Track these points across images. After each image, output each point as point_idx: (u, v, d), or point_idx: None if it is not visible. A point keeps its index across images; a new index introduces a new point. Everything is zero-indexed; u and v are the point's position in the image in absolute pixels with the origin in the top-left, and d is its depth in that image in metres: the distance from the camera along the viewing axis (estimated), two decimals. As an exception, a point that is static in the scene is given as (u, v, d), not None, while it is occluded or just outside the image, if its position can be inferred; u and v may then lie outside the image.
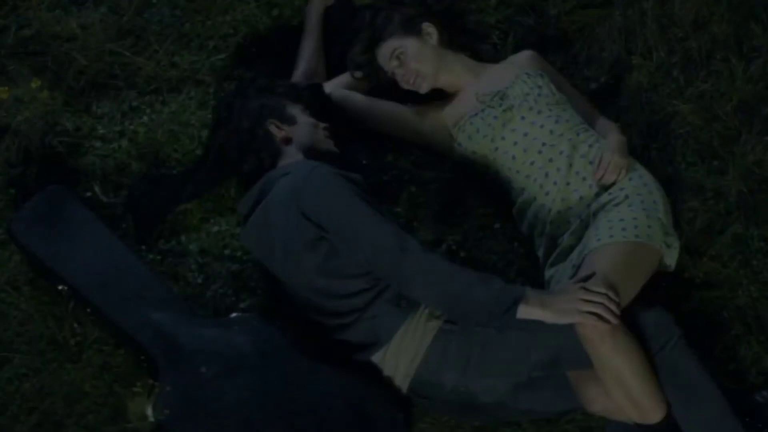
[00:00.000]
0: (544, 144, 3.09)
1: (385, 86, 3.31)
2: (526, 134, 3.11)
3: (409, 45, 3.22)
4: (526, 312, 2.68)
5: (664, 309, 2.83)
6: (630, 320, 2.74)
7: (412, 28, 3.24)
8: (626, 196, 2.94)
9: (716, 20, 3.48)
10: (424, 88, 3.25)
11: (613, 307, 2.67)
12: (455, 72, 3.27)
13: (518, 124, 3.13)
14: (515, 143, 3.11)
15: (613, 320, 2.66)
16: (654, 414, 2.75)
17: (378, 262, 2.74)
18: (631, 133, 3.31)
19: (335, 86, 3.32)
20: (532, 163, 3.09)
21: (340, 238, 2.76)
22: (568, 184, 3.04)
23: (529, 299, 2.68)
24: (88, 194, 3.11)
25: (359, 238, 2.74)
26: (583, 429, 2.91)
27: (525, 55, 3.32)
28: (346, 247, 2.76)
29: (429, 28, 3.26)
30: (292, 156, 3.04)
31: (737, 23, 3.47)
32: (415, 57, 3.21)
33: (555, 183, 3.05)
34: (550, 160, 3.07)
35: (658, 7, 3.52)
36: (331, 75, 3.38)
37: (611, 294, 2.68)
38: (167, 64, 3.38)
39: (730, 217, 3.16)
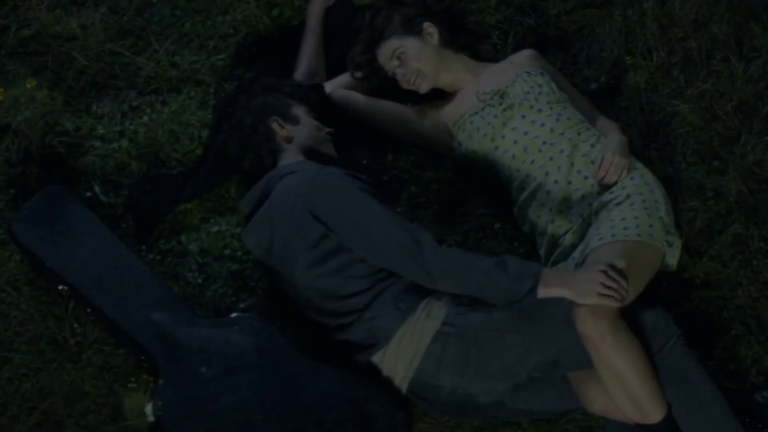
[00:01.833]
0: (544, 142, 3.08)
1: (385, 86, 3.31)
2: (526, 133, 3.11)
3: (409, 45, 3.22)
4: (545, 292, 2.71)
5: (664, 309, 2.83)
6: (630, 320, 2.74)
7: (412, 28, 3.24)
8: (628, 195, 2.94)
9: (716, 20, 3.47)
10: (424, 88, 3.25)
11: (623, 292, 2.70)
12: (455, 71, 3.27)
13: (518, 122, 3.12)
14: (515, 142, 3.11)
15: (621, 300, 2.69)
16: (654, 414, 2.75)
17: (396, 260, 2.74)
18: (631, 133, 3.31)
19: (335, 86, 3.32)
20: (532, 162, 3.09)
21: (352, 238, 2.76)
22: (569, 183, 3.03)
23: (547, 278, 2.71)
24: (88, 194, 3.12)
25: (374, 238, 2.75)
26: (583, 429, 2.91)
27: (525, 54, 3.32)
28: (360, 247, 2.76)
29: (430, 28, 3.26)
30: (292, 155, 3.04)
31: (737, 23, 3.47)
32: (415, 57, 3.21)
33: (556, 182, 3.04)
34: (551, 159, 3.07)
35: (658, 7, 3.52)
36: (331, 75, 3.38)
37: (624, 282, 2.71)
38: (167, 64, 3.39)
39: (730, 217, 3.16)
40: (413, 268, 2.74)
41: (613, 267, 2.73)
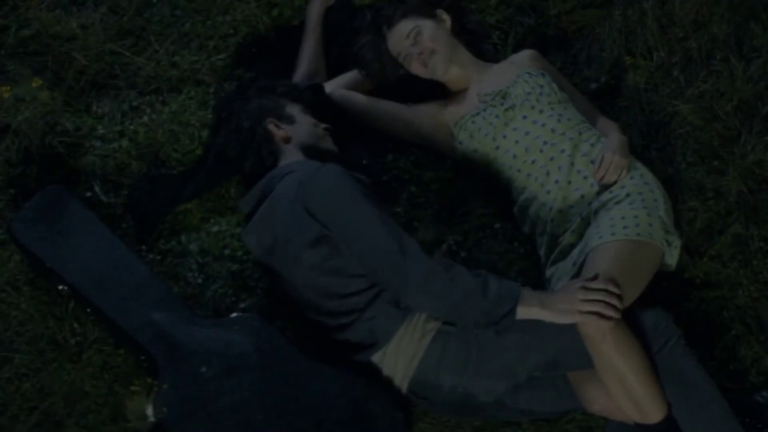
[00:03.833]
0: (545, 143, 3.09)
1: (386, 86, 3.31)
2: (527, 133, 3.11)
3: (425, 25, 3.22)
4: (524, 312, 2.69)
5: (664, 309, 2.83)
6: (630, 320, 2.74)
7: (428, 12, 3.25)
8: (627, 194, 2.94)
9: (716, 20, 3.47)
10: (440, 70, 3.22)
11: (614, 301, 2.67)
12: (463, 65, 3.27)
13: (520, 123, 3.13)
14: (517, 142, 3.11)
15: (615, 314, 2.67)
16: (654, 414, 2.75)
17: (378, 265, 2.73)
18: (631, 133, 3.31)
19: (336, 86, 3.32)
20: (533, 162, 3.09)
21: (342, 237, 2.76)
22: (569, 182, 3.04)
23: (526, 300, 2.69)
24: (88, 194, 3.12)
25: (361, 240, 2.74)
26: (583, 429, 2.91)
27: (526, 54, 3.32)
28: (347, 248, 2.76)
29: (443, 15, 3.27)
30: (292, 155, 3.04)
31: (737, 23, 3.47)
32: (430, 37, 3.21)
33: (556, 181, 3.05)
34: (552, 159, 3.07)
35: (658, 7, 3.52)
36: (331, 75, 3.38)
37: (611, 287, 2.68)
38: (167, 64, 3.39)
39: (730, 217, 3.15)
40: (391, 277, 2.72)
41: (596, 281, 2.71)
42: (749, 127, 3.28)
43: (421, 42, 3.21)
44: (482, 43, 3.42)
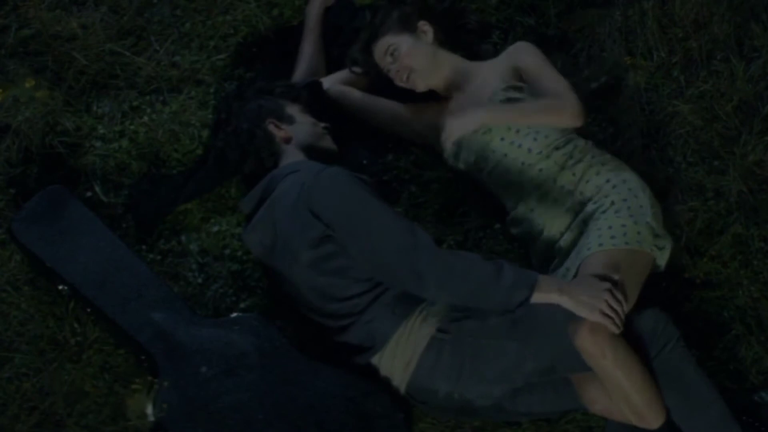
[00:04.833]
0: (523, 163, 3.06)
1: (383, 86, 3.31)
2: (506, 155, 3.08)
3: (402, 42, 3.22)
4: (541, 298, 2.69)
5: (662, 310, 2.82)
6: (628, 323, 2.74)
7: (407, 26, 3.24)
8: (612, 203, 2.92)
9: (716, 20, 3.47)
10: (419, 86, 3.23)
11: (623, 317, 2.70)
12: (447, 73, 3.25)
13: (498, 144, 3.09)
14: (497, 164, 3.09)
15: (621, 328, 2.69)
16: (654, 421, 2.76)
17: (389, 260, 2.72)
18: (632, 133, 3.31)
19: (333, 82, 3.32)
20: (512, 183, 3.07)
21: (350, 238, 2.75)
22: (555, 200, 3.02)
23: (543, 285, 2.69)
24: (88, 194, 3.12)
25: (372, 239, 2.73)
26: (583, 429, 2.91)
27: (508, 57, 3.22)
28: (356, 248, 2.75)
29: (425, 26, 3.25)
30: (293, 155, 3.04)
31: (737, 23, 3.47)
32: (407, 54, 3.20)
33: (539, 200, 3.03)
34: (531, 179, 3.05)
35: (658, 7, 3.52)
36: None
37: (625, 305, 2.71)
38: (167, 64, 3.39)
39: (730, 217, 3.15)
40: (406, 274, 2.71)
41: (617, 286, 2.72)
42: (749, 127, 3.28)
43: (398, 59, 3.21)
44: (482, 43, 3.42)
